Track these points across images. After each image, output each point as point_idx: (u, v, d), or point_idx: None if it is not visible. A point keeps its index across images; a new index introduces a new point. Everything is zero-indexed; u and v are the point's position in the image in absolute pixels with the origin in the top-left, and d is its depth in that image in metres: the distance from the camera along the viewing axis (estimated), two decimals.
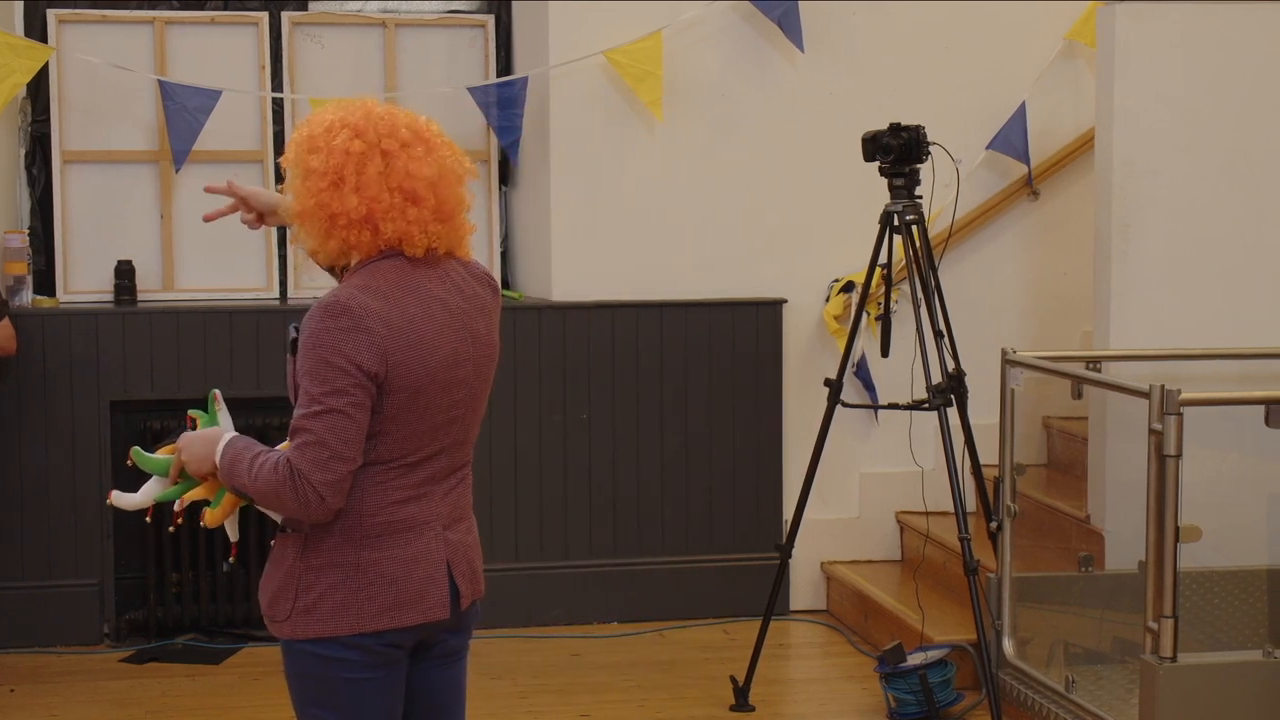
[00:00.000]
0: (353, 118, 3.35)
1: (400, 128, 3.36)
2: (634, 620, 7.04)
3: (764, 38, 7.11)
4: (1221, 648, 5.75)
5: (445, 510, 3.45)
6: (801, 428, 7.03)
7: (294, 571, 3.39)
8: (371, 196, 3.31)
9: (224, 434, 3.40)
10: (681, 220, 7.11)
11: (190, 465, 3.42)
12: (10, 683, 6.28)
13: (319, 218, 3.33)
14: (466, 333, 3.41)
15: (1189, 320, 6.12)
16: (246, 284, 7.08)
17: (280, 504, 3.30)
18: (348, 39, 7.25)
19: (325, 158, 3.31)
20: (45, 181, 7.00)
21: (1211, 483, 5.46)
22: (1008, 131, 7.24)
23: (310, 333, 3.27)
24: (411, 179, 3.34)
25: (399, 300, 3.32)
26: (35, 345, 6.60)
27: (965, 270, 7.24)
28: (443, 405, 3.36)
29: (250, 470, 3.30)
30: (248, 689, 6.22)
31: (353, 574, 3.35)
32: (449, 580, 3.43)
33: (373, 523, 3.35)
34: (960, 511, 5.68)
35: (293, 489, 3.26)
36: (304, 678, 3.41)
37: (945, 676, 5.87)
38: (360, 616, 3.34)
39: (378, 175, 3.31)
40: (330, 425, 3.23)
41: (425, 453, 3.38)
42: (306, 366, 3.26)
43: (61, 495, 6.68)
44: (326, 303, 3.28)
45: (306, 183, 3.33)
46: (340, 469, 3.25)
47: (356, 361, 3.24)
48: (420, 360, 3.30)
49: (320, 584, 3.36)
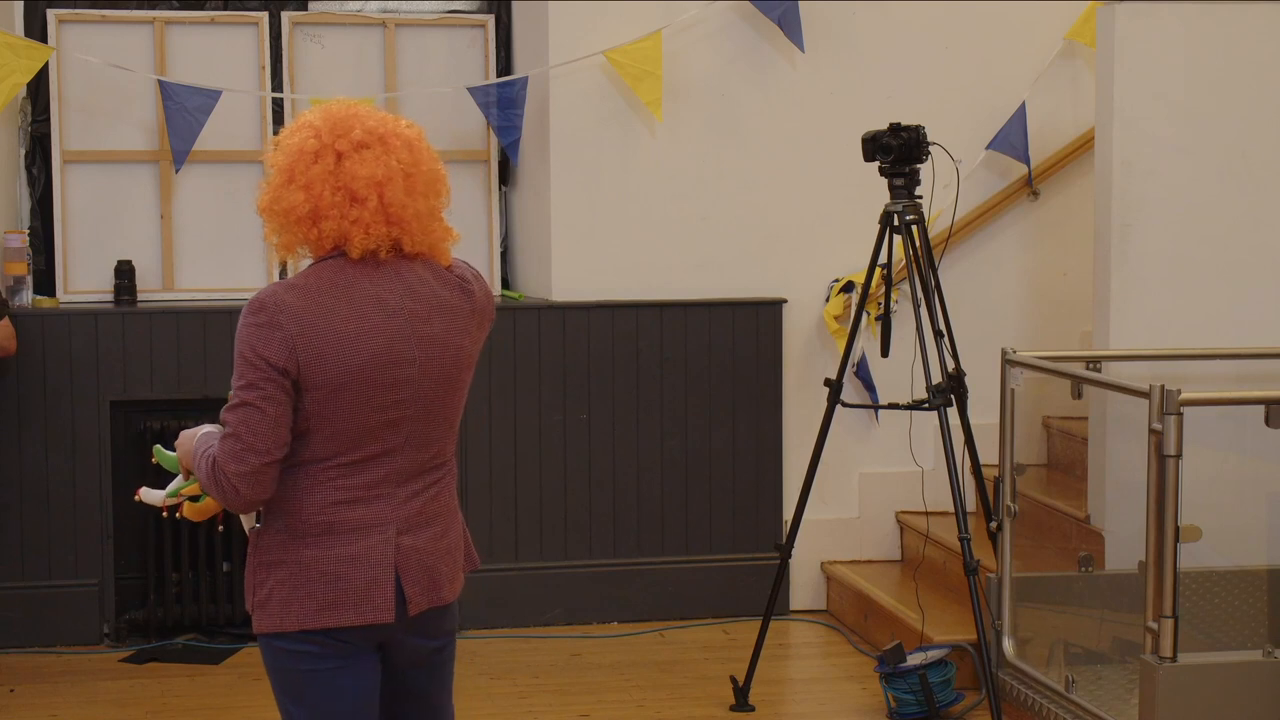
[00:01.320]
0: (317, 118, 3.42)
1: (357, 129, 3.40)
2: (634, 620, 7.04)
3: (764, 38, 7.11)
4: (1221, 648, 5.75)
5: (405, 514, 3.47)
6: (801, 427, 7.03)
7: (251, 568, 3.48)
8: (316, 194, 3.36)
9: (204, 429, 3.51)
10: (681, 220, 7.11)
11: (183, 461, 3.56)
12: (10, 683, 6.28)
13: (273, 212, 3.41)
14: (411, 334, 3.41)
15: (1189, 320, 6.13)
16: (246, 284, 7.07)
17: (213, 495, 3.41)
18: (348, 39, 7.25)
19: (284, 155, 3.41)
20: (45, 181, 7.00)
21: (1211, 483, 5.46)
22: (1007, 131, 7.24)
23: (238, 327, 3.37)
24: (355, 179, 3.36)
25: (324, 299, 3.36)
26: (35, 345, 6.60)
27: (965, 270, 7.24)
28: (377, 405, 3.38)
29: (198, 464, 3.43)
30: (248, 689, 6.22)
31: (295, 571, 3.40)
32: (395, 585, 3.44)
33: (314, 521, 3.40)
34: (960, 511, 5.68)
35: (215, 480, 3.36)
36: (271, 669, 3.50)
37: (945, 676, 5.87)
38: (302, 614, 3.40)
39: (325, 173, 3.36)
40: (243, 418, 3.33)
41: (365, 453, 3.40)
42: (234, 359, 3.37)
43: (61, 495, 6.68)
44: (251, 299, 3.37)
45: (267, 178, 3.43)
46: (253, 460, 3.32)
47: (265, 356, 3.31)
48: (338, 357, 3.33)
49: (269, 581, 3.43)
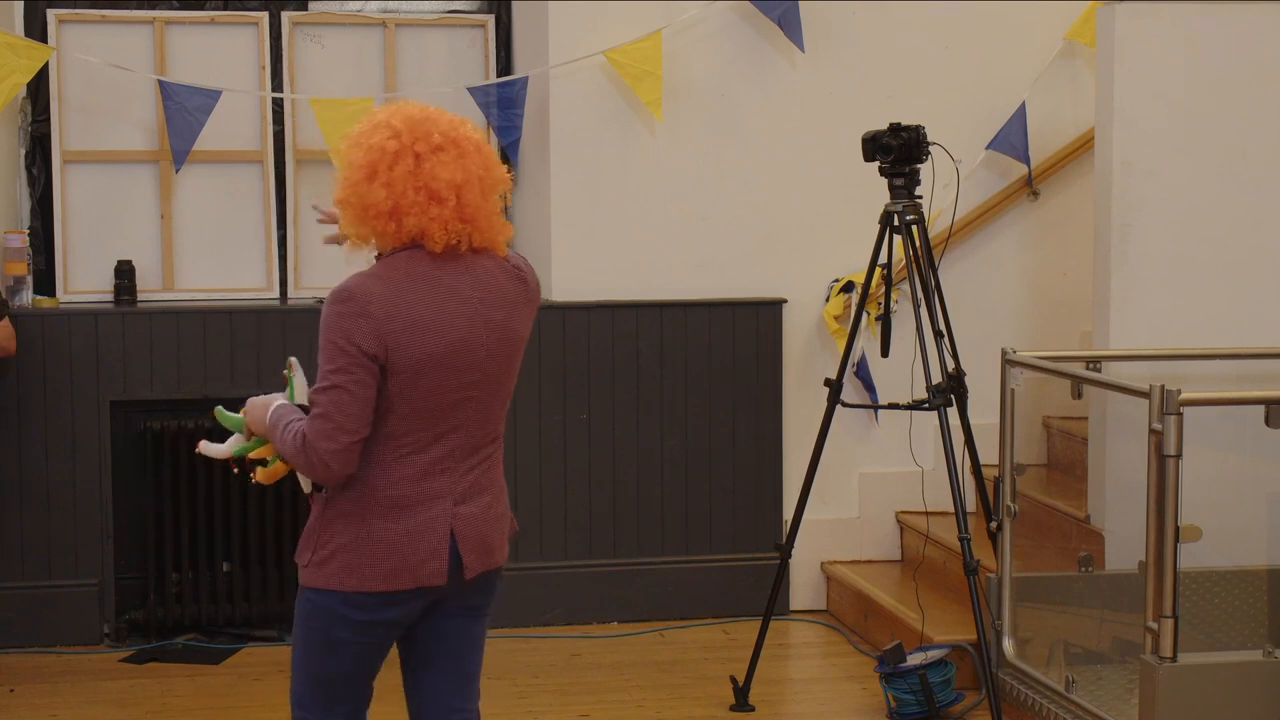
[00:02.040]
0: (395, 119, 3.69)
1: (434, 133, 3.69)
2: (634, 620, 7.04)
3: (764, 37, 7.11)
4: (1221, 648, 5.76)
5: (464, 486, 3.80)
6: (801, 427, 7.03)
7: (314, 528, 3.77)
8: (398, 192, 3.64)
9: (275, 400, 3.81)
10: (681, 220, 7.11)
11: (252, 426, 3.86)
12: (10, 683, 6.28)
13: (353, 206, 3.70)
14: (481, 321, 3.72)
15: (1189, 320, 6.13)
16: (246, 284, 7.08)
17: (299, 467, 3.69)
18: (348, 39, 7.25)
19: (364, 153, 3.67)
20: (45, 181, 7.00)
21: (1211, 483, 5.46)
22: (1008, 131, 7.24)
23: (323, 316, 3.65)
24: (436, 180, 3.65)
25: (405, 288, 3.66)
26: (35, 345, 6.60)
27: (965, 270, 7.24)
28: (452, 386, 3.70)
29: (282, 435, 3.71)
30: (248, 689, 6.22)
31: (363, 539, 3.71)
32: (451, 551, 3.76)
33: (385, 495, 3.71)
34: (960, 511, 5.68)
35: (305, 455, 3.64)
36: (306, 619, 3.80)
37: (945, 676, 5.87)
38: (364, 578, 3.70)
39: (406, 173, 3.64)
40: (334, 400, 3.61)
41: (437, 430, 3.72)
42: (320, 345, 3.64)
43: (62, 495, 6.68)
44: (337, 289, 3.68)
45: (346, 174, 3.70)
46: (343, 439, 3.62)
47: (356, 342, 3.60)
48: (421, 343, 3.64)
49: (333, 543, 3.73)
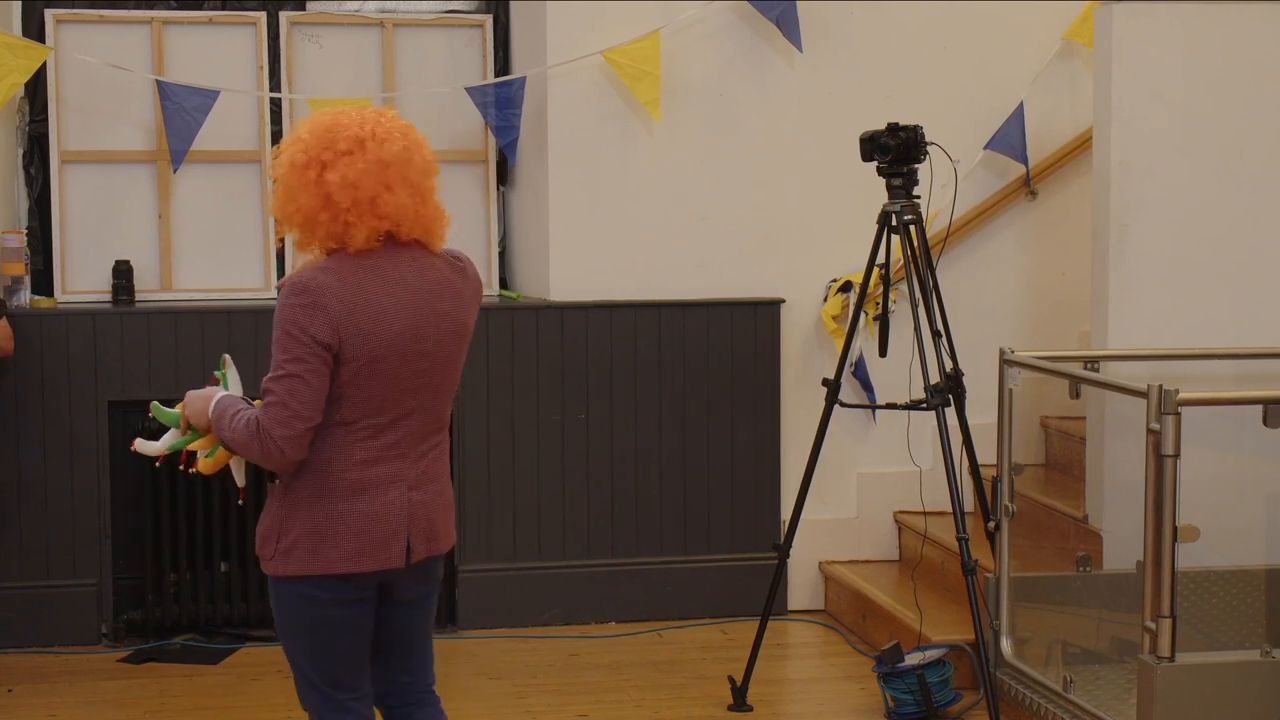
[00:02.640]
0: (304, 130, 3.83)
1: (339, 139, 3.78)
2: (632, 620, 7.04)
3: (762, 37, 7.11)
4: (1219, 647, 5.76)
5: (415, 472, 3.91)
6: (799, 428, 7.03)
7: (277, 517, 3.88)
8: (305, 203, 3.78)
9: (217, 392, 3.93)
10: (679, 220, 7.11)
11: (192, 419, 3.97)
12: (8, 683, 6.28)
13: (278, 218, 3.87)
14: (429, 310, 3.85)
15: (1187, 320, 6.13)
16: (244, 284, 7.08)
17: (250, 454, 3.81)
18: (346, 39, 7.25)
19: (280, 168, 3.82)
20: (43, 181, 7.00)
21: (1209, 482, 5.45)
22: (1005, 131, 7.24)
23: (278, 307, 3.78)
24: (333, 186, 3.75)
25: (357, 279, 3.78)
26: (33, 345, 6.60)
27: (963, 270, 7.24)
28: (404, 374, 3.81)
29: (230, 424, 3.82)
30: (245, 689, 6.22)
31: (323, 523, 3.83)
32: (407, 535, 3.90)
33: (342, 479, 3.83)
34: (958, 511, 5.68)
35: (259, 442, 3.75)
36: (285, 609, 3.94)
37: (943, 676, 5.87)
38: (329, 561, 3.83)
39: (310, 183, 3.77)
40: (290, 388, 3.72)
41: (390, 416, 3.84)
42: (275, 336, 3.76)
43: (59, 495, 6.68)
44: (291, 281, 3.78)
45: (274, 188, 3.85)
46: (298, 426, 3.73)
47: (311, 333, 3.72)
48: (375, 332, 3.76)
49: (295, 530, 3.85)
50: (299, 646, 3.96)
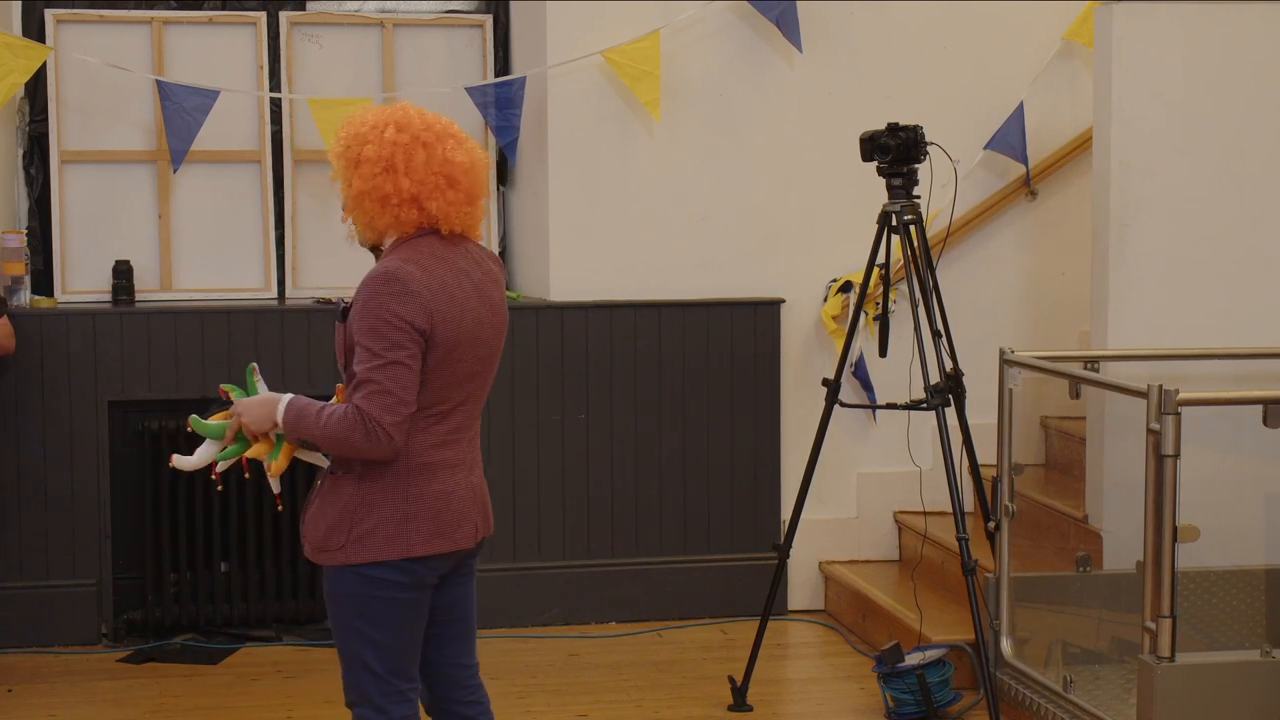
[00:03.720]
0: (394, 116, 3.94)
1: (434, 124, 3.95)
2: (632, 620, 7.04)
3: (762, 37, 7.11)
4: (1219, 647, 5.76)
5: (470, 456, 4.06)
6: (799, 427, 7.03)
7: (350, 505, 3.93)
8: (419, 179, 3.89)
9: (281, 396, 3.95)
10: (679, 220, 7.11)
11: (252, 425, 3.97)
12: (8, 683, 6.28)
13: (373, 198, 3.91)
14: (485, 300, 4.00)
15: (1186, 320, 6.13)
16: (244, 284, 7.08)
17: (350, 446, 3.83)
18: (346, 39, 7.25)
19: (376, 148, 3.89)
20: (43, 181, 7.00)
21: (1209, 482, 5.46)
22: (1005, 131, 7.24)
23: (366, 299, 3.83)
24: (450, 165, 3.92)
25: (434, 269, 3.89)
26: (33, 345, 6.60)
27: (963, 270, 7.24)
28: (469, 360, 3.94)
29: (319, 421, 3.85)
30: (245, 689, 6.22)
31: (403, 506, 3.92)
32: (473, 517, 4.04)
33: (418, 463, 3.93)
34: (958, 511, 5.68)
35: (365, 431, 3.79)
36: (353, 597, 3.96)
37: (943, 676, 5.87)
38: (409, 544, 3.92)
39: (423, 162, 3.90)
40: (393, 375, 3.80)
41: (454, 402, 3.96)
42: (365, 327, 3.81)
43: (60, 496, 6.68)
44: (377, 273, 3.85)
45: (360, 169, 3.92)
46: (403, 411, 3.82)
47: (408, 319, 3.81)
48: (455, 320, 3.88)
49: (374, 515, 3.91)
50: (363, 637, 3.99)
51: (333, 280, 6.97)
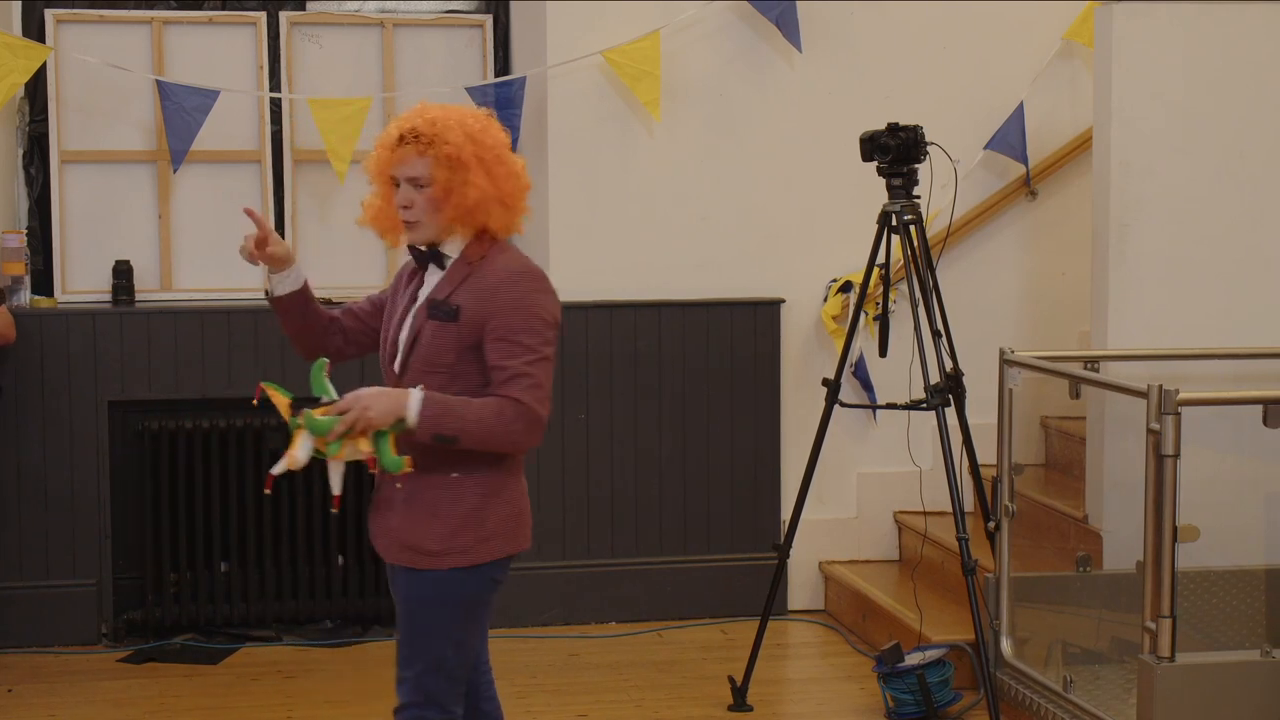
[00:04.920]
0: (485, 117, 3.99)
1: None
2: (632, 620, 7.04)
3: (762, 37, 7.11)
4: (1219, 647, 5.76)
5: None
6: (799, 427, 7.03)
7: (476, 505, 3.94)
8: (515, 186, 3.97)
9: (411, 390, 3.83)
10: (679, 220, 7.11)
11: (376, 419, 3.79)
12: (8, 683, 6.28)
13: (499, 203, 3.94)
14: None
15: (1186, 320, 6.13)
16: (244, 284, 7.06)
17: (508, 439, 3.84)
18: (346, 39, 7.25)
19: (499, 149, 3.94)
20: (43, 181, 7.00)
21: (1209, 482, 5.46)
22: (1005, 131, 7.24)
23: (518, 296, 3.88)
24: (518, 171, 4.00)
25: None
26: (33, 345, 6.60)
27: (963, 270, 7.24)
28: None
29: (474, 413, 3.81)
30: (245, 689, 6.22)
31: (515, 503, 4.01)
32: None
33: (517, 460, 4.02)
34: (958, 511, 5.68)
35: (525, 423, 3.83)
36: (466, 599, 3.98)
37: (943, 676, 5.87)
38: (517, 539, 4.01)
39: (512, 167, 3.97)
40: (546, 371, 3.89)
41: None
42: (516, 324, 3.85)
43: (59, 495, 6.68)
44: (521, 270, 3.92)
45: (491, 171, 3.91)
46: (549, 406, 3.90)
47: (555, 318, 3.94)
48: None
49: (496, 514, 3.95)
50: (452, 639, 3.99)
51: (332, 280, 6.96)
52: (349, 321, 4.24)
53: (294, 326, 4.17)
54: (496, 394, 3.84)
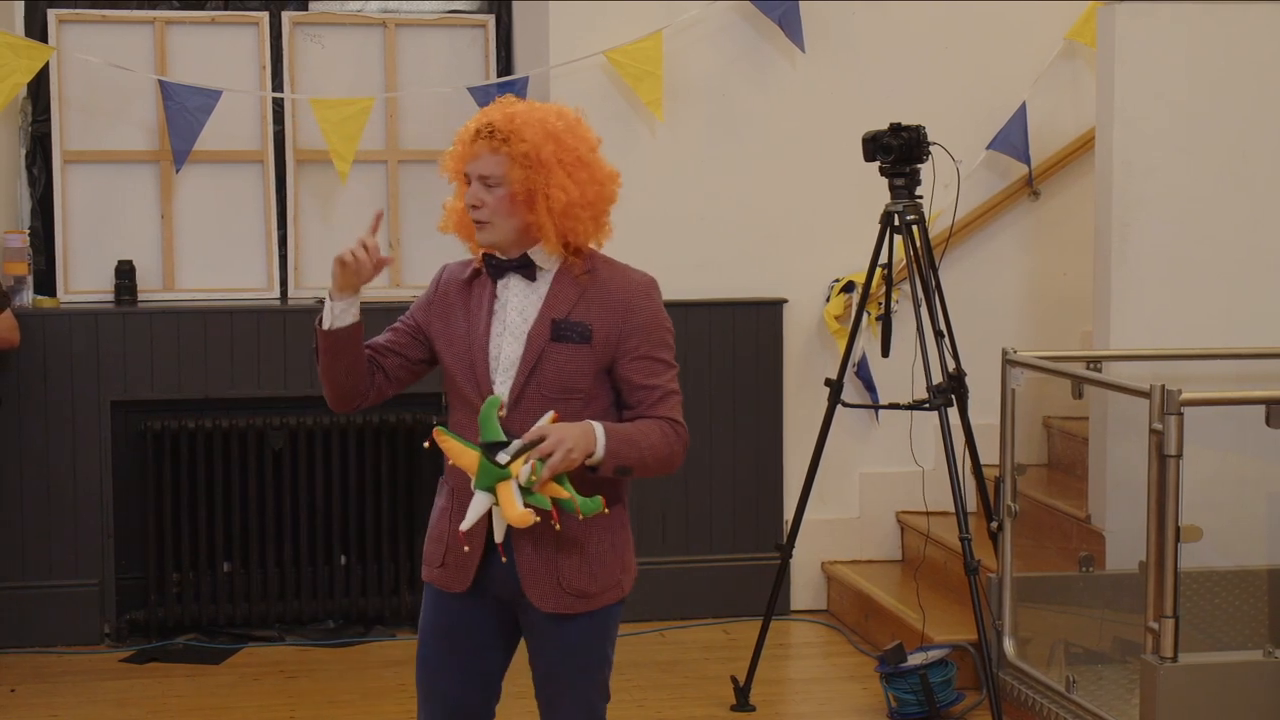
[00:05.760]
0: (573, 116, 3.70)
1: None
2: (634, 620, 7.02)
3: (764, 37, 7.11)
4: (1222, 648, 5.76)
5: None
6: (802, 427, 7.03)
7: (625, 535, 3.86)
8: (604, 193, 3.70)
9: (591, 423, 3.60)
10: (682, 220, 7.11)
11: (578, 457, 3.56)
12: (11, 682, 6.28)
13: (588, 210, 3.66)
14: None
15: (1189, 320, 6.13)
16: (247, 284, 7.08)
17: (669, 463, 3.69)
18: (348, 39, 7.25)
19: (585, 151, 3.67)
20: (46, 181, 7.00)
21: (1212, 483, 5.46)
22: (1008, 131, 7.24)
23: (651, 311, 3.68)
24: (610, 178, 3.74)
25: None
26: (36, 345, 6.60)
27: (965, 270, 7.24)
28: None
29: (647, 441, 3.64)
30: (248, 689, 6.22)
31: (630, 535, 3.91)
32: None
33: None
34: (961, 511, 5.68)
35: (683, 445, 3.70)
36: (611, 635, 3.89)
37: (946, 676, 5.87)
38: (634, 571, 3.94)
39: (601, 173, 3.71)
40: (680, 386, 3.73)
41: None
42: (656, 339, 3.67)
43: (62, 496, 6.68)
44: (644, 282, 3.73)
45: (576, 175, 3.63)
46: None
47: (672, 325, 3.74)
48: None
49: (630, 545, 3.90)
50: (608, 673, 3.93)
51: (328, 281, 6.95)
52: (389, 360, 3.83)
53: (343, 364, 3.74)
54: (651, 415, 3.65)
